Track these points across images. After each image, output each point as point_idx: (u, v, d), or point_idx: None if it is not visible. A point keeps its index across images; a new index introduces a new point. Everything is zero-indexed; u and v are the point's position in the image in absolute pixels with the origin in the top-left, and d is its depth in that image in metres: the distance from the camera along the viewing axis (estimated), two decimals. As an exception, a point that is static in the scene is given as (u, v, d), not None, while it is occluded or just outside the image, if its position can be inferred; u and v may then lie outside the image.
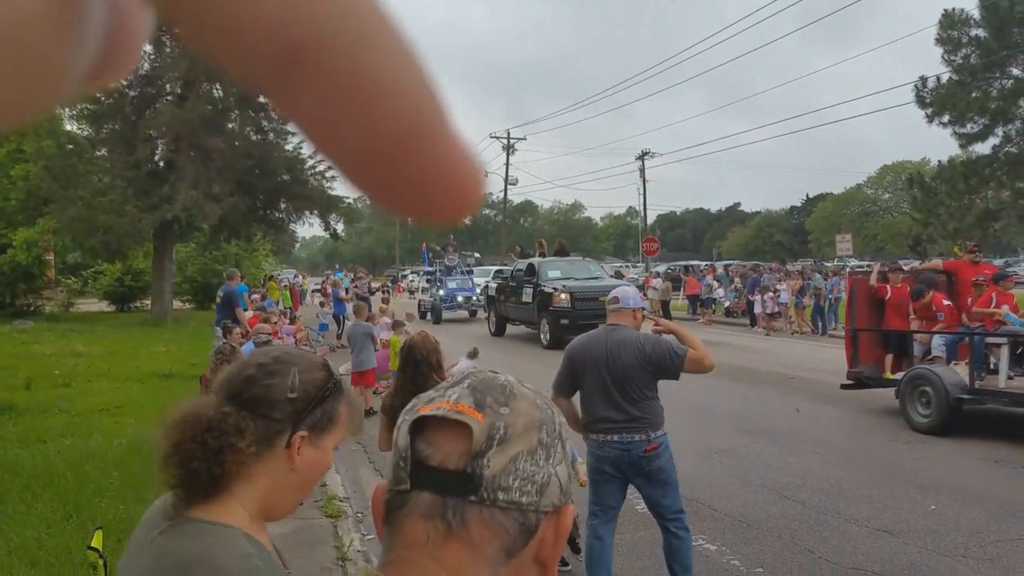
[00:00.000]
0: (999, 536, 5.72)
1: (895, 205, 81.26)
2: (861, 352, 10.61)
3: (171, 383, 12.19)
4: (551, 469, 0.81)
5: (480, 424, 0.79)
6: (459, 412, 0.79)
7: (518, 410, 0.82)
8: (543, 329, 18.69)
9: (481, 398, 0.81)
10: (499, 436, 0.79)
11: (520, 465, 0.79)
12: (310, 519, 6.43)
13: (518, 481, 0.78)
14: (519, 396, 0.83)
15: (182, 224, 24.83)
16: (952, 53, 30.31)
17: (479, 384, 0.84)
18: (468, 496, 0.77)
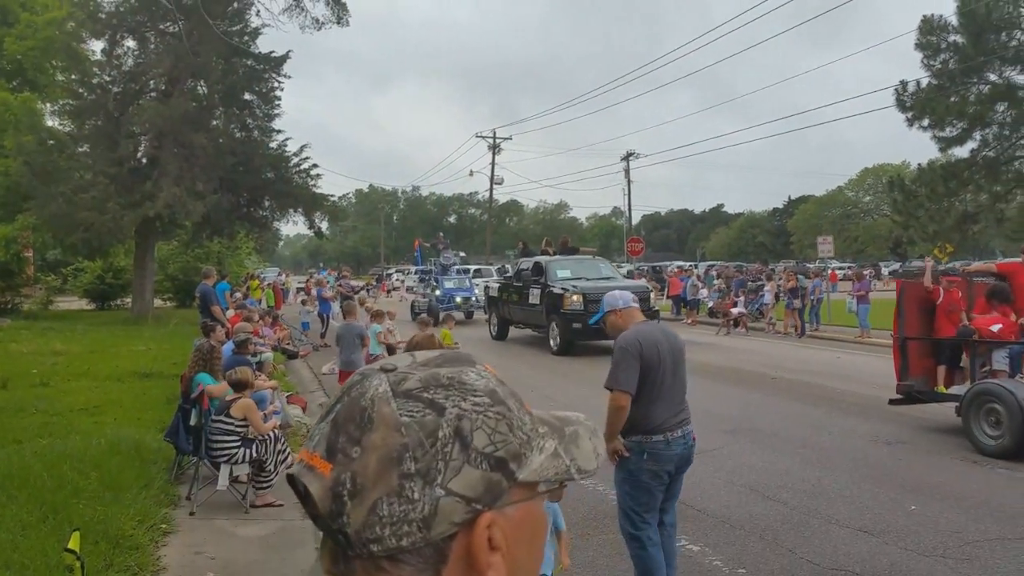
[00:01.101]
0: (978, 536, 5.76)
1: (876, 207, 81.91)
2: (911, 363, 9.68)
3: (151, 382, 12.10)
4: (436, 492, 0.71)
5: (324, 482, 0.72)
6: (309, 468, 0.73)
7: (371, 446, 0.72)
8: (552, 333, 17.40)
9: (335, 439, 0.73)
10: (347, 491, 0.71)
11: (383, 511, 0.71)
12: (290, 520, 6.39)
13: (388, 528, 0.71)
14: (376, 423, 0.73)
15: (164, 221, 24.66)
16: (931, 58, 30.56)
17: (341, 415, 0.75)
18: (348, 552, 0.73)
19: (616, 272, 20.59)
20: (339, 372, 11.42)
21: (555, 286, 17.51)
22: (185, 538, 5.94)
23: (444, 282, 26.93)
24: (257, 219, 28.14)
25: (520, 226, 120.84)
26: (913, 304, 9.93)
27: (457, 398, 0.75)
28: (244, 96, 26.75)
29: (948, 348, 9.69)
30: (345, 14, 26.66)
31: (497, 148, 54.58)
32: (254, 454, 6.64)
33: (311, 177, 27.40)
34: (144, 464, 7.17)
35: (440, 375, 0.77)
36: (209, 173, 23.62)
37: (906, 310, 9.88)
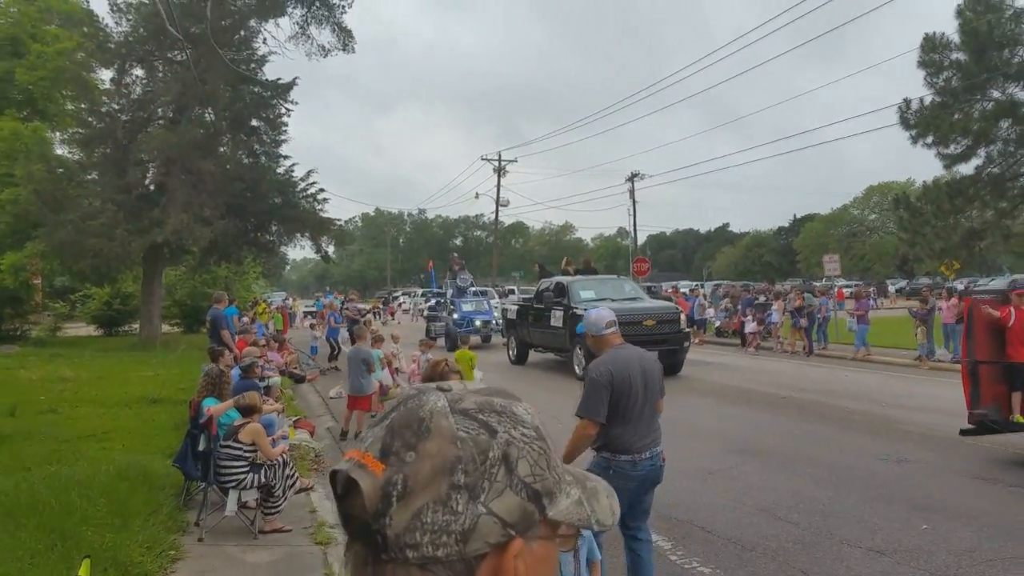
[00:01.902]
0: (991, 555, 5.71)
1: (881, 225, 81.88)
2: (983, 390, 8.96)
3: (159, 408, 12.09)
4: (478, 509, 0.74)
5: (375, 480, 0.74)
6: (360, 465, 0.76)
7: (426, 453, 0.75)
8: (577, 357, 16.39)
9: (389, 442, 0.77)
10: (397, 492, 0.74)
11: (427, 518, 0.73)
12: (299, 546, 6.37)
13: (428, 536, 0.73)
14: (434, 433, 0.76)
15: (172, 247, 24.79)
16: (934, 76, 30.64)
17: (397, 421, 0.79)
18: (380, 554, 0.75)
19: (641, 291, 19.81)
20: (348, 396, 11.40)
21: (579, 307, 16.62)
22: (194, 565, 5.92)
23: (462, 305, 25.52)
24: (264, 244, 28.26)
25: (526, 248, 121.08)
26: (983, 324, 9.13)
27: (508, 425, 0.80)
28: (251, 123, 26.96)
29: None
30: (351, 41, 26.96)
31: (502, 171, 54.80)
32: (262, 479, 6.63)
33: (318, 201, 27.55)
34: (152, 490, 7.16)
35: (494, 402, 0.82)
36: (216, 199, 23.77)
37: (976, 331, 9.12)
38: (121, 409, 12.08)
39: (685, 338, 16.91)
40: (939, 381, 15.58)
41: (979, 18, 28.69)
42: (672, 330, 16.49)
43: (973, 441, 9.47)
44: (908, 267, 66.92)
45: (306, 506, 7.44)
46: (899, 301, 47.75)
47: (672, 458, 9.11)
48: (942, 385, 14.96)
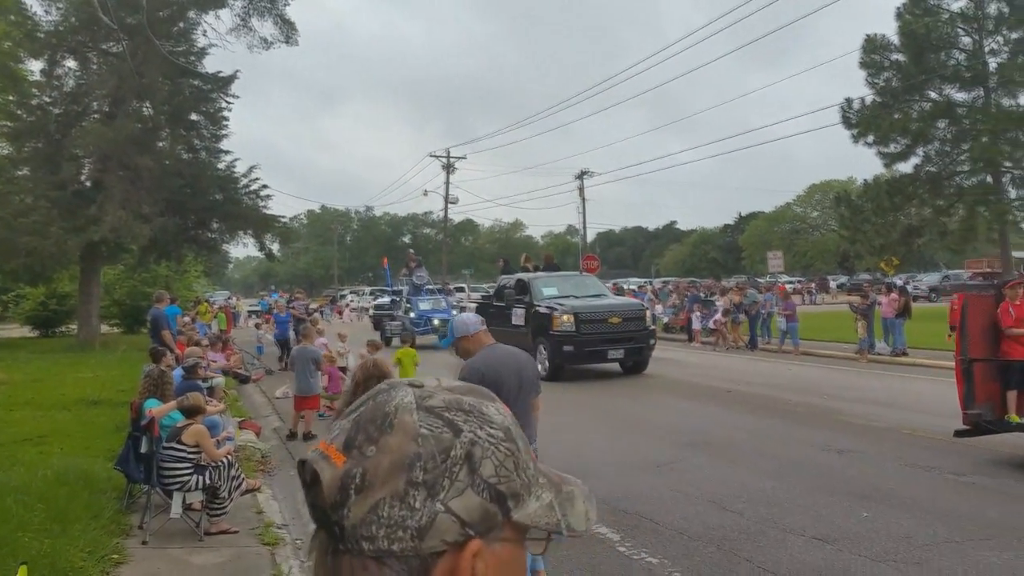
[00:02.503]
0: (927, 540, 5.88)
1: (823, 223, 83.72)
2: (977, 388, 8.44)
3: (99, 410, 11.78)
4: (436, 507, 0.74)
5: (335, 472, 0.75)
6: (324, 456, 0.76)
7: (386, 448, 0.75)
8: (540, 357, 15.76)
9: (353, 435, 0.77)
10: (355, 485, 0.74)
11: (384, 512, 0.73)
12: (246, 547, 6.28)
13: (383, 530, 0.73)
14: (396, 428, 0.76)
15: (110, 245, 24.18)
16: (875, 76, 31.51)
17: (364, 415, 0.79)
18: (338, 545, 0.75)
19: (605, 288, 19.21)
20: (295, 397, 11.25)
21: (542, 305, 16.36)
22: (138, 568, 5.79)
23: (418, 303, 24.53)
24: (205, 241, 27.74)
25: (475, 245, 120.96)
26: (977, 320, 8.65)
27: (475, 425, 0.79)
28: (191, 117, 26.44)
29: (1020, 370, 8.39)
30: (294, 33, 26.58)
31: (451, 167, 54.64)
32: (207, 481, 6.51)
33: (260, 198, 27.13)
34: (93, 494, 6.97)
35: (463, 401, 0.81)
36: (155, 195, 23.25)
37: (970, 328, 8.59)
38: (59, 412, 11.75)
39: (651, 335, 16.52)
40: (878, 374, 16.02)
41: (917, 20, 29.53)
42: (638, 327, 16.11)
43: (910, 431, 9.77)
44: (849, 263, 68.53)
45: (253, 507, 7.33)
46: (840, 296, 48.85)
47: (621, 452, 9.24)
48: (881, 377, 15.40)
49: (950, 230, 32.66)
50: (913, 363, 17.00)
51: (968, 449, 8.76)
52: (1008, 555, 5.56)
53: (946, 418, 10.56)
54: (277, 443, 10.83)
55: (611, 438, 10.18)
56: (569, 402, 13.48)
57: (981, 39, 30.06)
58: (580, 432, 10.67)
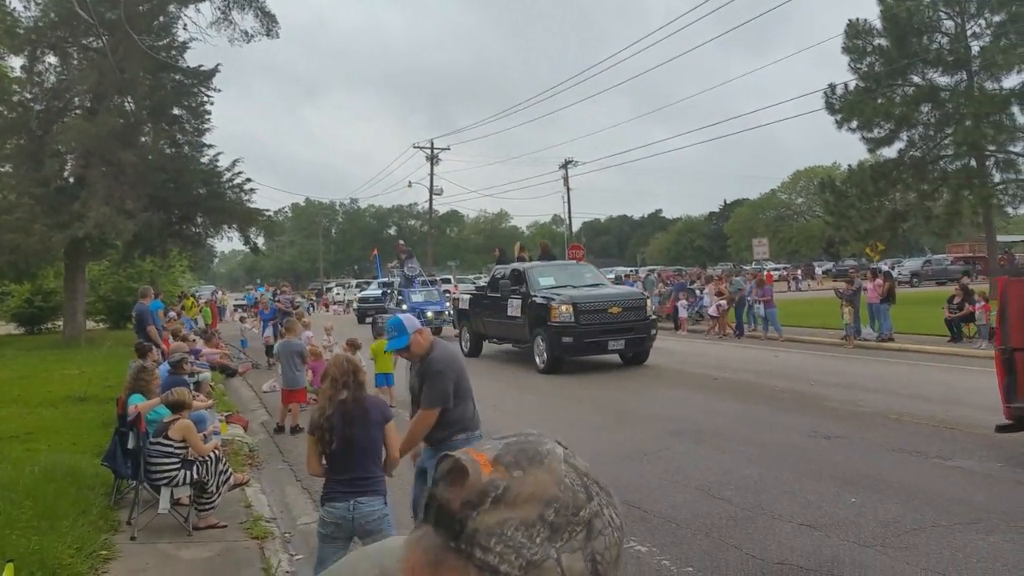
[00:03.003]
0: (915, 524, 5.93)
1: (808, 209, 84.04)
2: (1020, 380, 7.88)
3: (86, 407, 11.73)
4: (551, 553, 0.77)
5: (482, 476, 0.79)
6: (472, 459, 0.81)
7: (533, 480, 0.80)
8: (538, 350, 15.47)
9: (504, 454, 0.82)
10: (495, 495, 0.78)
11: (508, 531, 0.77)
12: (235, 541, 6.26)
13: (500, 546, 0.76)
14: (545, 467, 0.81)
15: (94, 241, 23.99)
16: (858, 61, 31.54)
17: (515, 444, 0.84)
18: (449, 541, 0.78)
19: (603, 277, 18.56)
20: (282, 391, 11.21)
21: (539, 295, 15.80)
22: (127, 564, 5.77)
23: (411, 295, 24.00)
24: (190, 236, 27.57)
25: (461, 236, 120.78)
26: (1019, 306, 8.08)
27: (604, 500, 0.83)
28: (173, 111, 26.22)
29: None
30: (275, 26, 26.39)
31: (435, 159, 54.53)
32: (195, 475, 6.49)
33: (244, 192, 26.97)
34: (81, 490, 6.94)
35: (599, 479, 0.86)
36: (139, 191, 23.09)
37: (1011, 314, 8.07)
38: (46, 409, 11.69)
39: (652, 325, 15.94)
40: (865, 359, 16.12)
41: (899, 4, 29.56)
42: (639, 317, 15.56)
43: (896, 416, 9.83)
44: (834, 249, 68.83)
45: (241, 501, 7.31)
46: (826, 282, 49.11)
47: (609, 441, 9.26)
48: (867, 363, 15.50)
49: (935, 214, 32.77)
50: (899, 348, 17.11)
51: (953, 433, 8.84)
52: (994, 538, 5.61)
53: (932, 403, 10.69)
54: (265, 437, 10.80)
55: (598, 427, 10.20)
56: (556, 392, 13.52)
57: (963, 22, 30.14)
58: (567, 421, 10.69)
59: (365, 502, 4.20)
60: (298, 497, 7.75)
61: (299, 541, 6.40)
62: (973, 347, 16.24)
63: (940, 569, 5.13)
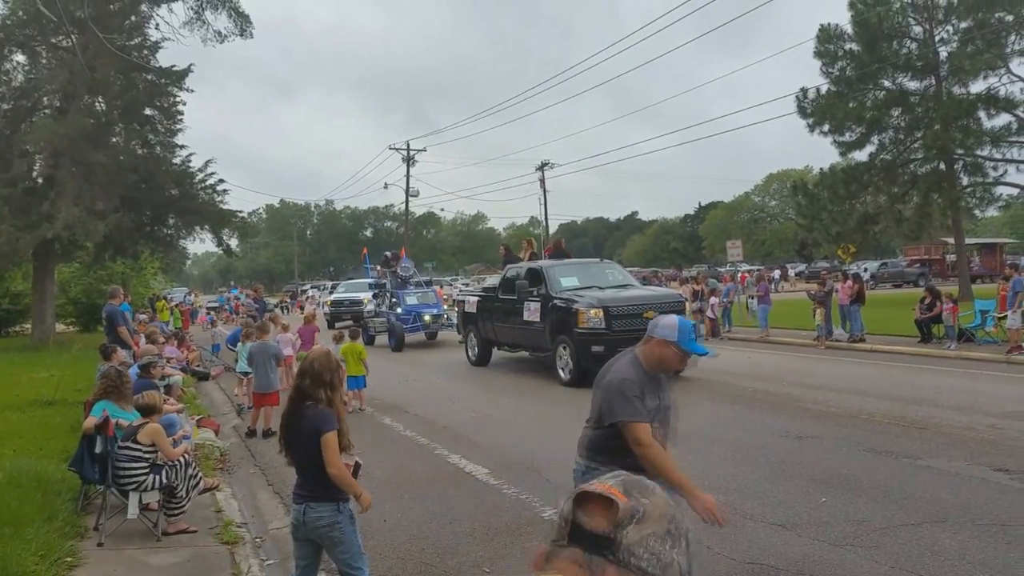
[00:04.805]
0: (884, 523, 5.98)
1: (781, 211, 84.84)
2: None
3: (54, 410, 11.55)
4: (674, 556, 1.07)
5: (624, 504, 1.06)
6: (611, 493, 1.08)
7: (655, 504, 1.09)
8: (561, 358, 13.81)
9: (629, 488, 1.10)
10: (637, 516, 1.06)
11: (650, 543, 1.05)
12: (205, 546, 6.19)
13: (647, 554, 1.04)
14: (656, 494, 1.12)
15: (64, 243, 23.66)
16: (829, 65, 31.88)
17: (628, 479, 1.13)
18: (607, 555, 1.04)
19: (630, 277, 16.70)
20: (254, 394, 11.10)
21: (561, 298, 14.14)
22: (93, 571, 5.68)
23: (405, 297, 22.38)
24: (161, 238, 27.26)
25: (438, 238, 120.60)
26: None
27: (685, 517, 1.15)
28: (145, 111, 25.89)
29: None
30: (248, 26, 26.16)
31: (411, 160, 54.35)
32: (164, 480, 6.41)
33: (217, 193, 26.72)
34: (47, 496, 6.82)
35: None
36: (110, 191, 22.80)
37: None
38: (12, 412, 11.49)
39: None
40: (836, 360, 16.28)
41: (869, 10, 29.91)
42: None
43: (867, 416, 9.93)
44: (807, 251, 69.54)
45: (212, 506, 7.23)
46: (799, 284, 49.55)
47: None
48: (839, 363, 15.65)
49: (905, 217, 33.20)
50: (870, 349, 17.30)
51: (922, 433, 8.94)
52: (961, 536, 5.68)
53: (902, 403, 10.81)
54: (237, 441, 10.70)
55: (576, 428, 10.16)
56: (531, 392, 13.50)
57: (932, 28, 30.56)
58: (541, 423, 10.69)
59: (314, 507, 4.15)
60: (269, 501, 7.68)
61: (270, 546, 6.34)
62: (942, 348, 16.46)
63: (909, 567, 5.18)
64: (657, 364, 4.07)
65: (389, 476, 8.06)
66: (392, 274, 23.79)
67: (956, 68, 29.09)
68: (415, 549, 5.96)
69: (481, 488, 7.51)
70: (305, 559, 4.28)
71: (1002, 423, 9.28)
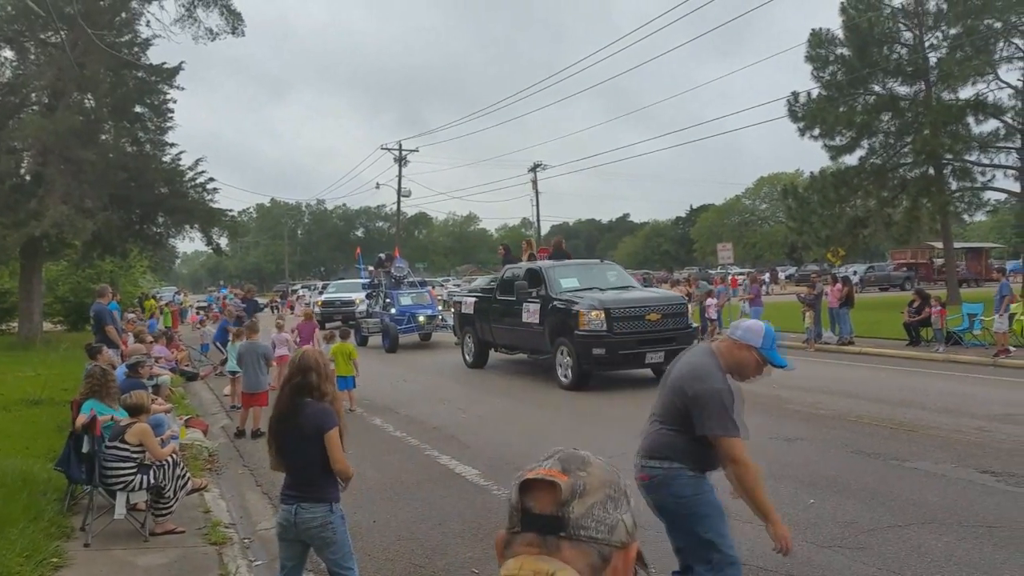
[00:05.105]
0: (871, 525, 6.01)
1: (772, 215, 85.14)
2: None
3: (41, 410, 11.48)
4: (619, 516, 1.16)
5: (565, 483, 1.13)
6: (551, 476, 1.14)
7: (593, 474, 1.17)
8: (562, 362, 13.60)
9: (566, 466, 1.17)
10: (579, 491, 1.13)
11: (595, 511, 1.13)
12: (192, 547, 6.16)
13: (593, 523, 1.12)
14: (593, 464, 1.19)
15: (52, 241, 23.50)
16: (820, 70, 32.05)
17: (564, 456, 1.19)
18: (559, 533, 1.11)
19: (631, 278, 16.43)
20: (243, 394, 11.06)
21: (562, 299, 13.90)
22: (80, 571, 5.64)
23: (399, 298, 22.15)
24: (151, 236, 27.11)
25: (429, 239, 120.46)
26: None
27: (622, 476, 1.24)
28: (135, 109, 25.76)
29: None
30: (240, 24, 26.06)
31: (403, 160, 54.31)
32: (152, 480, 6.37)
33: (207, 191, 26.58)
34: (33, 496, 6.78)
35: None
36: (99, 189, 22.67)
37: None
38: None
39: (694, 335, 14.01)
40: (825, 362, 16.34)
41: (861, 15, 30.06)
42: (678, 325, 13.54)
43: (855, 418, 9.97)
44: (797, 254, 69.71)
45: (199, 506, 7.20)
46: (789, 287, 49.71)
47: (576, 444, 9.22)
48: (828, 366, 15.70)
49: (894, 221, 33.40)
50: (859, 351, 17.37)
51: (910, 435, 8.98)
52: (948, 538, 5.70)
53: (890, 405, 10.85)
54: (225, 441, 10.66)
55: (566, 429, 10.22)
56: (523, 394, 13.51)
57: (922, 34, 30.75)
58: (535, 424, 10.68)
59: (307, 508, 4.10)
60: (258, 502, 7.65)
61: (258, 547, 6.31)
62: (930, 351, 16.54)
63: (896, 568, 5.20)
64: (735, 368, 3.95)
65: (379, 476, 8.05)
66: (386, 274, 23.56)
67: (945, 74, 29.28)
68: (404, 549, 5.95)
69: (471, 489, 7.51)
70: (291, 559, 4.26)
71: (989, 426, 9.34)
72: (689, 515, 3.93)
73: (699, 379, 3.86)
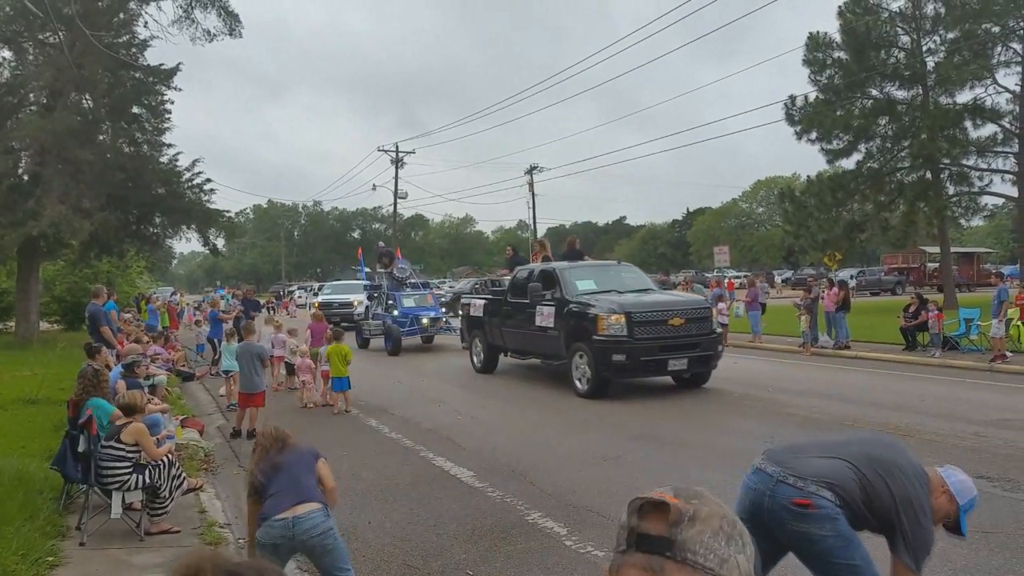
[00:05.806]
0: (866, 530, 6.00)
1: (768, 218, 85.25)
2: None
3: (37, 409, 11.48)
4: (731, 552, 1.11)
5: (675, 505, 1.13)
6: (664, 497, 1.14)
7: (705, 504, 1.15)
8: (578, 368, 12.86)
9: (679, 493, 1.16)
10: (689, 515, 1.12)
11: (704, 538, 1.10)
12: (188, 547, 6.15)
13: (702, 549, 1.09)
14: (707, 496, 1.17)
15: (49, 241, 23.51)
16: (818, 74, 32.10)
17: (679, 486, 1.19)
18: (665, 553, 1.10)
19: (649, 281, 15.59)
20: (239, 394, 11.05)
21: (578, 302, 13.22)
22: (75, 570, 5.64)
23: (402, 299, 21.75)
24: (148, 237, 27.13)
25: (426, 241, 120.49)
26: None
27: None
28: (133, 110, 25.81)
29: None
30: (238, 25, 26.06)
31: (400, 162, 54.32)
32: (147, 480, 6.37)
33: (204, 192, 26.62)
34: (29, 495, 6.77)
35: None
36: (96, 190, 22.68)
37: None
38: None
39: (718, 341, 13.23)
40: (821, 366, 16.36)
41: (858, 19, 30.12)
42: (702, 330, 12.74)
43: (851, 422, 9.99)
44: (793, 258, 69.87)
45: (195, 506, 7.19)
46: (785, 291, 49.78)
47: (569, 446, 9.28)
48: (824, 370, 15.72)
49: (891, 225, 33.44)
50: (855, 356, 17.39)
51: (906, 440, 8.97)
52: (944, 544, 5.67)
53: (885, 409, 10.87)
54: (221, 441, 10.64)
55: (561, 432, 10.21)
56: (519, 397, 13.49)
57: (919, 38, 30.80)
58: (529, 427, 10.69)
59: (303, 519, 4.14)
60: (254, 502, 7.64)
61: (254, 546, 6.31)
62: (927, 355, 16.56)
63: (886, 572, 5.20)
64: (936, 516, 3.58)
65: (374, 478, 8.04)
66: (388, 275, 23.12)
67: (943, 78, 29.33)
68: (399, 551, 5.95)
69: (466, 491, 7.51)
70: None
71: (985, 431, 9.35)
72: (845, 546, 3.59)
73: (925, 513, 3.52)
